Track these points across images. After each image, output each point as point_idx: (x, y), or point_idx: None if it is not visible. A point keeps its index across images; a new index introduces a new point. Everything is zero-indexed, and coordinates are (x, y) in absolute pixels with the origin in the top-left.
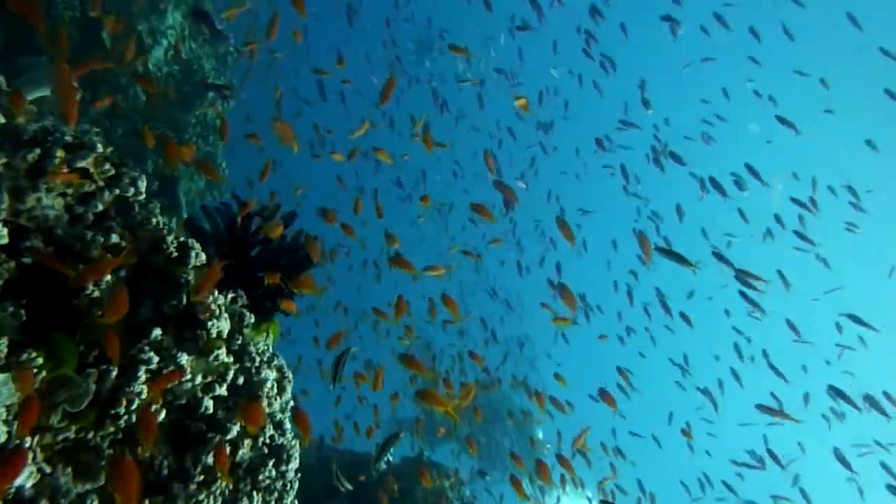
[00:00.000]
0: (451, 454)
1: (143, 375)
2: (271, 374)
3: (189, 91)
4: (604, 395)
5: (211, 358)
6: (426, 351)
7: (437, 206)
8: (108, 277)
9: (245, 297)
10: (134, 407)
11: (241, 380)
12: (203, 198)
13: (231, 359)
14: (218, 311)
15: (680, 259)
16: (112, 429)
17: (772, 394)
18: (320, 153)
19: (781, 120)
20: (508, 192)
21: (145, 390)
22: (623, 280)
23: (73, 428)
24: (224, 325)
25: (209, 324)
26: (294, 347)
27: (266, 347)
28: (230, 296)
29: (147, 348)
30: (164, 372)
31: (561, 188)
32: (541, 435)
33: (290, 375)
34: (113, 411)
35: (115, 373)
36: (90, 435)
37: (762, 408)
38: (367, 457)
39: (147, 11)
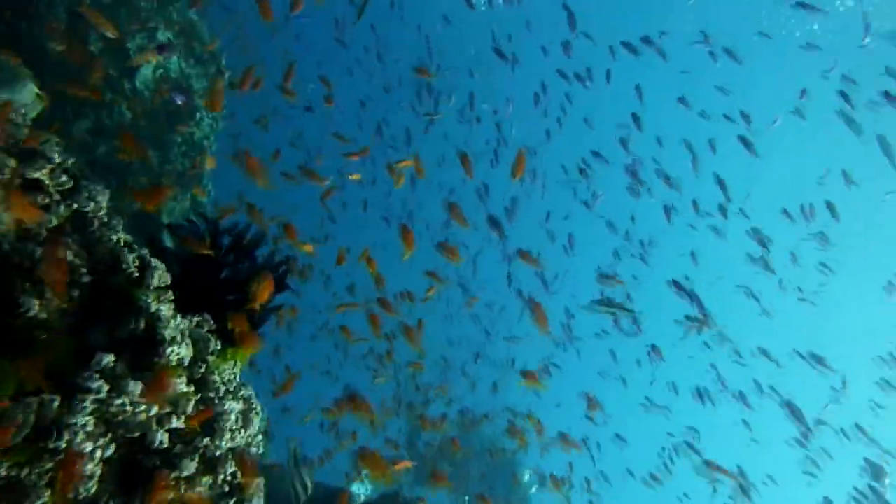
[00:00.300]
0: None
1: (89, 406)
2: (236, 406)
3: (175, 111)
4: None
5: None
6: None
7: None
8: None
9: (212, 322)
10: (78, 440)
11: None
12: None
13: (191, 388)
14: (179, 337)
15: (620, 308)
16: (50, 465)
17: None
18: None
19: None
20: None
21: (91, 422)
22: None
23: (5, 464)
24: (185, 352)
25: (168, 350)
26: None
27: (232, 376)
28: (195, 320)
29: (96, 376)
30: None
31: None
32: (526, 477)
33: (259, 407)
34: (52, 445)
35: (56, 402)
36: (24, 472)
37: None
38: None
39: (137, 30)
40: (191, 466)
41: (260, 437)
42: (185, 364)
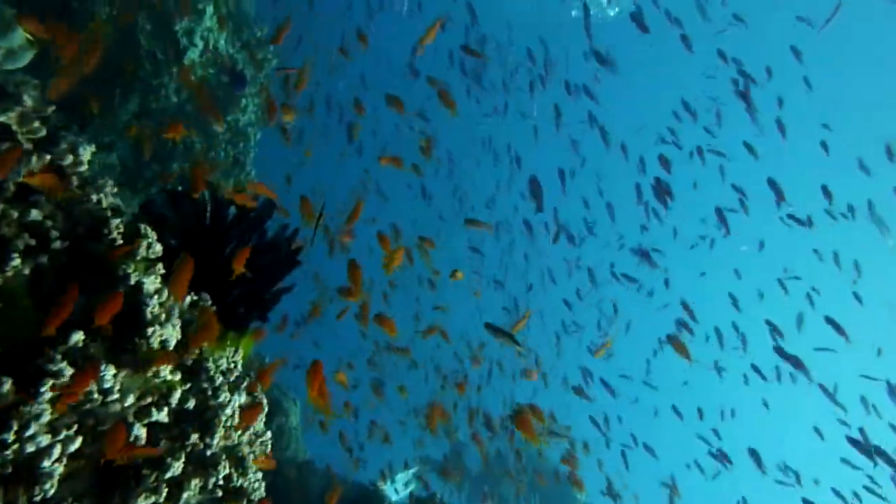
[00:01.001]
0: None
1: (47, 392)
2: (236, 398)
3: (222, 96)
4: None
5: (150, 374)
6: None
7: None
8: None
9: (210, 303)
10: (30, 433)
11: (191, 403)
12: None
13: (178, 376)
14: (164, 315)
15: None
16: None
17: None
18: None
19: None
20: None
21: (48, 411)
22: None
23: None
24: (170, 333)
25: (149, 331)
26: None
27: (233, 365)
28: (189, 299)
29: (59, 357)
30: (73, 377)
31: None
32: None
33: (265, 401)
34: (0, 437)
35: (7, 386)
36: None
37: None
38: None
39: (184, 11)
40: (175, 467)
41: (267, 434)
42: (170, 347)
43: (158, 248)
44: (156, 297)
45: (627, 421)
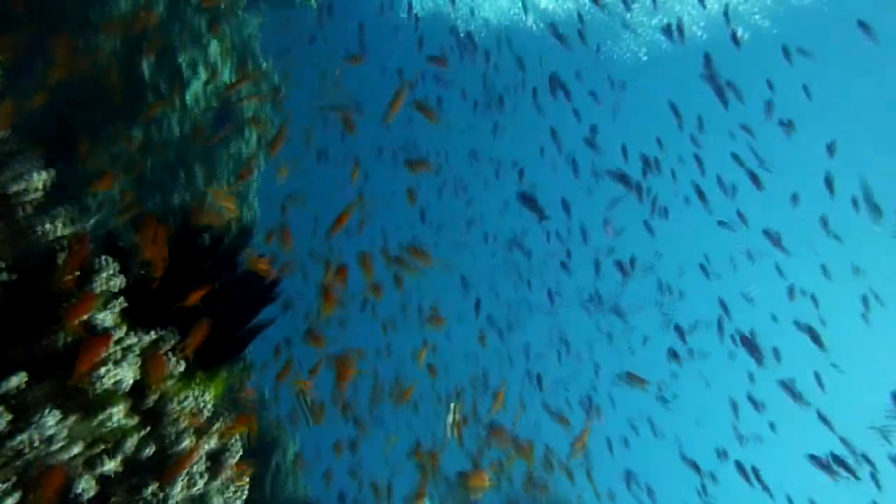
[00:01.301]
0: None
1: None
2: (204, 443)
3: (227, 126)
4: None
5: (100, 419)
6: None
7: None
8: None
9: (177, 338)
10: None
11: (149, 450)
12: None
13: (135, 420)
14: (119, 354)
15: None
16: None
17: None
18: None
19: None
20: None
21: None
22: None
23: None
24: (125, 374)
25: (101, 371)
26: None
27: (201, 406)
28: (152, 335)
29: None
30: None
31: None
32: None
33: (238, 446)
34: None
35: None
36: None
37: None
38: None
39: (188, 42)
40: None
41: (244, 479)
42: (125, 389)
43: (118, 281)
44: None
45: None
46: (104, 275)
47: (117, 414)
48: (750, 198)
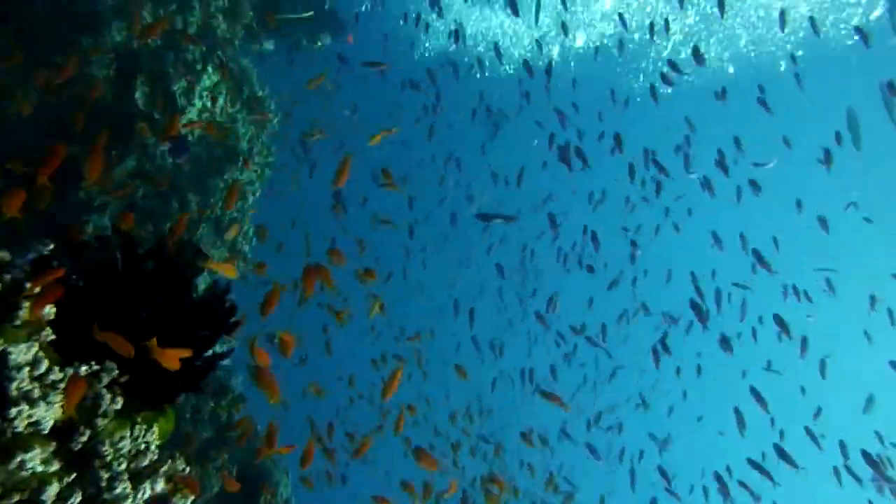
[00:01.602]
0: None
1: None
2: (146, 487)
3: (221, 154)
4: None
5: (14, 464)
6: None
7: None
8: None
9: (116, 372)
10: None
11: (75, 498)
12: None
13: (56, 466)
14: (37, 391)
15: None
16: None
17: None
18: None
19: None
20: None
21: None
22: None
23: None
24: (44, 414)
25: (14, 411)
26: None
27: (141, 448)
28: (83, 368)
29: None
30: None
31: None
32: None
33: (186, 497)
34: None
35: None
36: None
37: None
38: None
39: (182, 71)
40: None
41: None
42: (44, 430)
43: (45, 310)
44: (26, 369)
45: None
46: (24, 303)
47: (33, 460)
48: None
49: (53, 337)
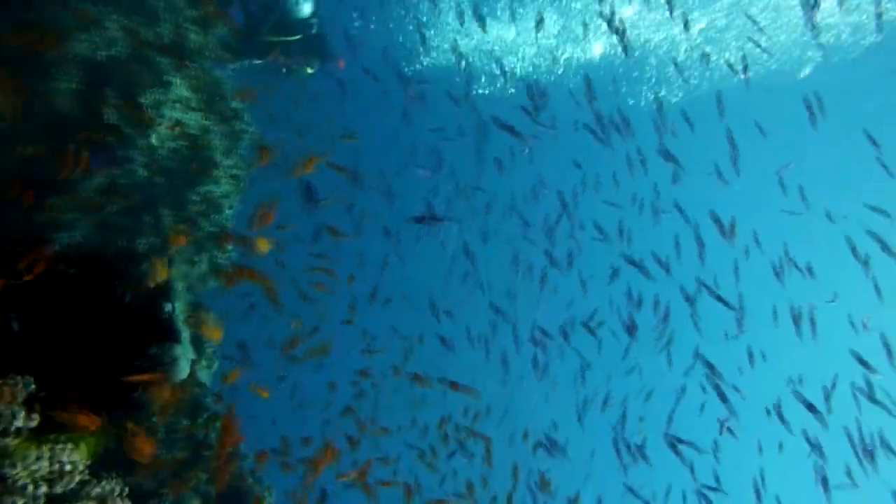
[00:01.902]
0: None
1: None
2: None
3: (196, 167)
4: None
5: None
6: None
7: None
8: None
9: (32, 388)
10: None
11: None
12: (206, 284)
13: None
14: None
15: None
16: None
17: None
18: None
19: None
20: None
21: None
22: None
23: None
24: None
25: None
26: None
27: (56, 468)
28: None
29: None
30: None
31: None
32: None
33: None
34: None
35: None
36: None
37: None
38: None
39: (152, 83)
40: None
41: None
42: None
43: None
44: None
45: None
46: None
47: None
48: None
49: None
